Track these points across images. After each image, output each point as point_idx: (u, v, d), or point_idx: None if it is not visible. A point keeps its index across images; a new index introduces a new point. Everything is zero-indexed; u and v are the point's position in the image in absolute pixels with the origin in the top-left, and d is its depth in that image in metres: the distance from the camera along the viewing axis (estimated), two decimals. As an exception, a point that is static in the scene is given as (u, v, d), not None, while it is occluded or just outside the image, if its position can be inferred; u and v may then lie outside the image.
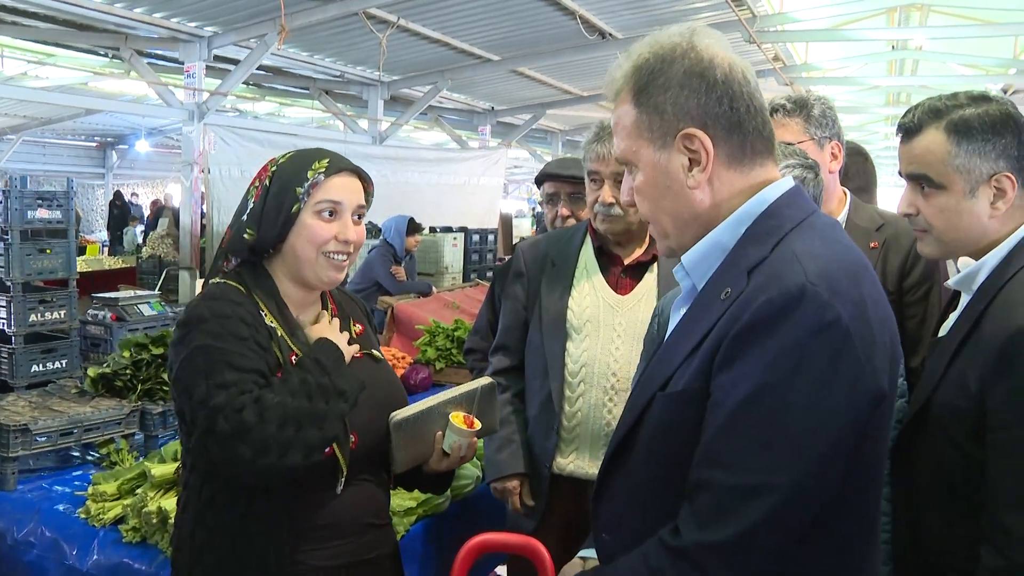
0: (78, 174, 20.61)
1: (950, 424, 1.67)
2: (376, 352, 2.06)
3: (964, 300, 1.80)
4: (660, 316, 2.08)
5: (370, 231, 9.22)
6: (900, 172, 1.85)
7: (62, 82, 12.72)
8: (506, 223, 14.52)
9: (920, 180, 1.79)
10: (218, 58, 9.88)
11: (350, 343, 1.94)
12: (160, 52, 10.24)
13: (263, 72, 11.64)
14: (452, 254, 9.98)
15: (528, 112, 15.89)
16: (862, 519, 1.28)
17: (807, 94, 2.60)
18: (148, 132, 19.13)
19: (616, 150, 1.42)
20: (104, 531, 2.49)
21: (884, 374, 1.21)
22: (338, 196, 1.87)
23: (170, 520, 2.28)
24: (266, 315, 1.84)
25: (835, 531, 1.24)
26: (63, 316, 5.13)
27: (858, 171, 3.33)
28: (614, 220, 2.49)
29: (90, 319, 4.94)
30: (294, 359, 1.81)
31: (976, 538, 1.58)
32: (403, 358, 4.74)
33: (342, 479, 1.82)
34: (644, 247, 2.57)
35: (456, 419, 1.99)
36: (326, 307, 2.02)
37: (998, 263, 1.72)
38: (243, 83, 10.78)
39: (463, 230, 10.59)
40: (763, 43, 10.05)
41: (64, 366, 5.05)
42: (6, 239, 4.92)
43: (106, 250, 16.02)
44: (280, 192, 1.86)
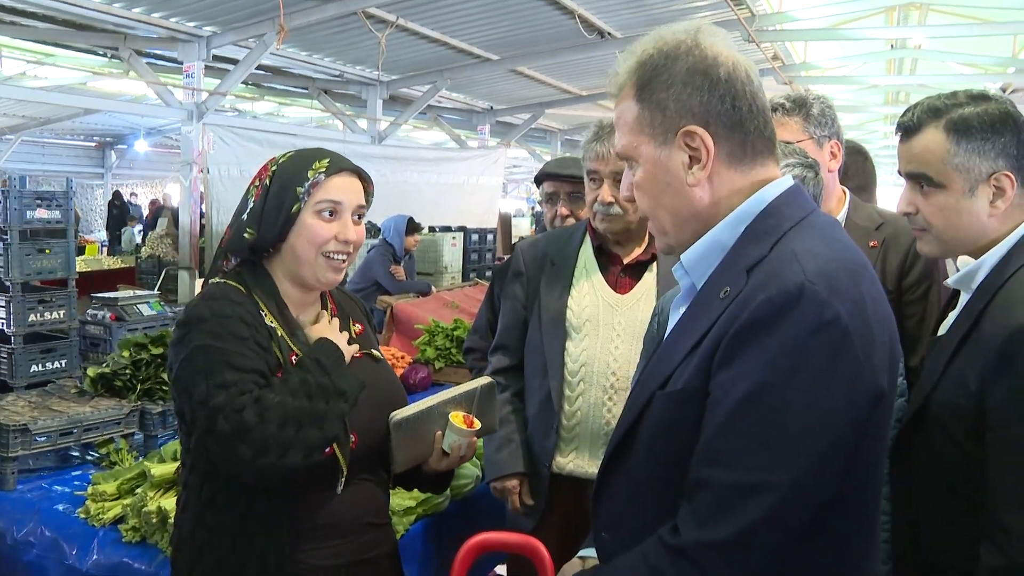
0: (77, 174, 20.60)
1: (950, 423, 1.67)
2: (376, 352, 2.06)
3: (963, 299, 1.80)
4: (660, 315, 2.08)
5: (369, 230, 9.21)
6: (899, 171, 1.85)
7: (61, 82, 12.71)
8: (505, 222, 14.51)
9: (919, 179, 1.79)
10: (217, 58, 9.88)
11: (350, 343, 1.94)
12: (159, 52, 10.23)
13: (262, 72, 11.63)
14: (451, 253, 9.97)
15: (527, 111, 15.88)
16: (861, 518, 1.28)
17: (806, 93, 2.60)
18: (147, 132, 19.13)
19: (617, 145, 1.42)
20: (104, 531, 2.50)
21: (883, 373, 1.21)
22: (338, 196, 1.87)
23: (170, 520, 2.28)
24: (266, 315, 1.84)
25: (834, 530, 1.24)
26: (62, 316, 5.13)
27: (857, 170, 3.33)
28: (613, 219, 2.49)
29: (89, 319, 4.94)
30: (294, 359, 1.81)
31: (976, 537, 1.58)
32: (402, 357, 4.74)
33: (342, 479, 1.82)
34: (643, 246, 2.57)
35: (456, 419, 1.99)
36: (326, 307, 2.01)
37: (997, 262, 1.72)
38: (242, 83, 10.78)
39: (462, 229, 10.58)
40: (762, 42, 10.05)
41: (63, 366, 5.05)
42: (5, 239, 4.92)
43: (105, 250, 16.00)
44: (280, 191, 1.85)
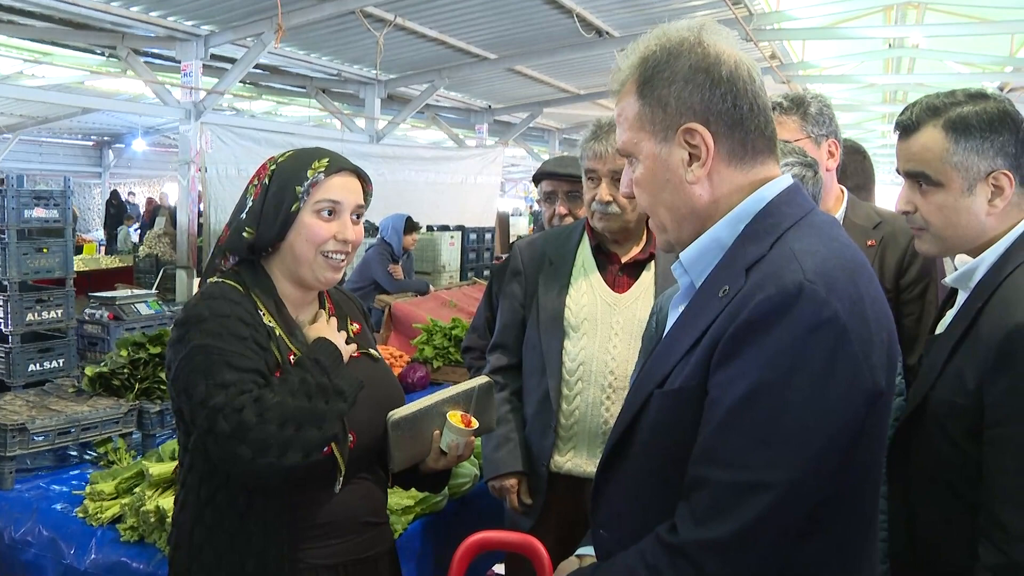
0: (75, 173, 20.55)
1: (947, 421, 1.67)
2: (374, 351, 2.06)
3: (961, 297, 1.80)
4: (658, 314, 2.08)
5: (367, 230, 9.19)
6: (898, 170, 1.85)
7: (59, 81, 12.70)
8: (503, 221, 14.53)
9: (918, 178, 1.79)
10: (215, 57, 9.88)
11: (347, 342, 1.94)
12: (157, 51, 10.23)
13: (260, 71, 11.63)
14: (449, 253, 9.98)
15: (525, 110, 15.87)
16: (859, 516, 1.28)
17: (804, 92, 2.60)
18: (145, 131, 19.13)
19: (618, 141, 1.42)
20: (102, 530, 2.50)
21: (881, 371, 1.21)
22: (338, 196, 1.87)
23: (168, 519, 2.27)
24: (264, 314, 1.84)
25: (832, 528, 1.24)
26: (60, 315, 5.12)
27: (856, 169, 3.33)
28: (611, 218, 2.49)
29: (87, 318, 4.93)
30: (292, 359, 1.81)
31: (973, 535, 1.58)
32: (400, 356, 4.74)
33: (340, 478, 1.82)
34: (641, 245, 2.57)
35: (453, 418, 1.99)
36: (324, 306, 2.01)
37: (995, 260, 1.72)
38: (240, 82, 10.76)
39: (460, 229, 10.60)
40: (760, 41, 10.05)
41: (61, 365, 5.04)
42: (3, 238, 4.91)
43: (103, 249, 16.00)
44: (280, 191, 1.85)
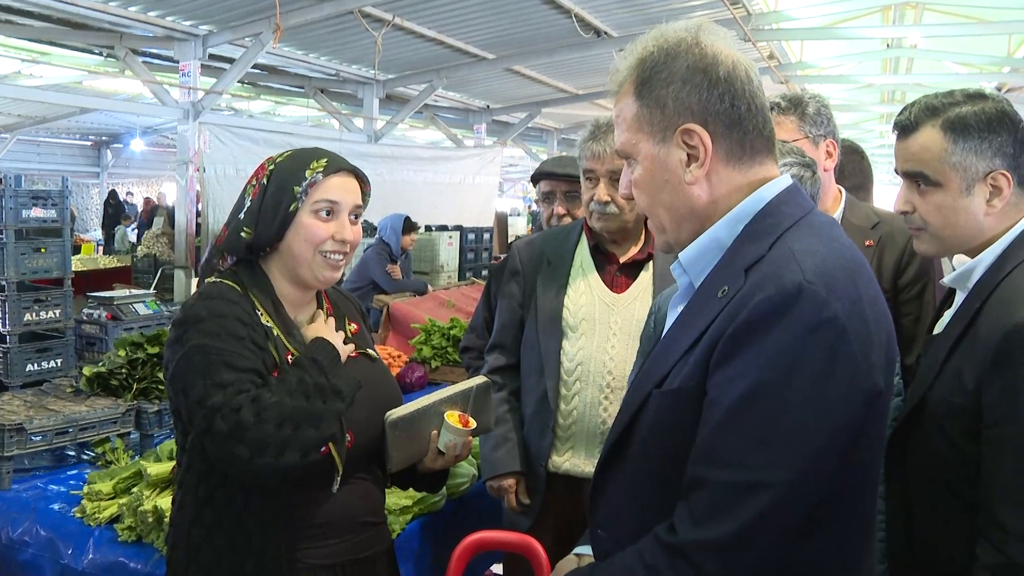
0: (73, 173, 20.52)
1: (946, 421, 1.67)
2: (371, 351, 2.06)
3: (959, 297, 1.80)
4: (657, 313, 2.08)
5: (366, 230, 9.19)
6: (896, 170, 1.85)
7: (57, 81, 12.70)
8: (502, 221, 14.54)
9: (916, 178, 1.79)
10: (213, 57, 9.87)
11: (345, 342, 1.94)
12: (155, 51, 10.23)
13: (258, 71, 11.63)
14: (448, 253, 9.98)
15: (523, 110, 15.87)
16: (858, 516, 1.28)
17: (802, 92, 2.60)
18: (143, 131, 19.11)
19: (616, 142, 1.42)
20: (100, 530, 2.49)
21: (880, 372, 1.21)
22: (336, 196, 1.87)
23: (166, 519, 2.27)
24: (262, 314, 1.84)
25: (831, 528, 1.24)
26: (58, 315, 5.10)
27: (854, 169, 3.33)
28: (609, 218, 2.49)
29: (85, 318, 4.92)
30: (290, 358, 1.81)
31: (972, 535, 1.58)
32: (399, 356, 4.74)
33: (338, 478, 1.81)
34: (640, 245, 2.57)
35: (451, 418, 1.99)
36: (321, 306, 2.01)
37: (994, 260, 1.72)
38: (238, 82, 10.75)
39: (459, 229, 10.59)
40: (758, 41, 10.06)
41: (59, 365, 5.02)
42: (1, 238, 4.90)
43: (101, 249, 16.00)
44: (278, 191, 1.85)
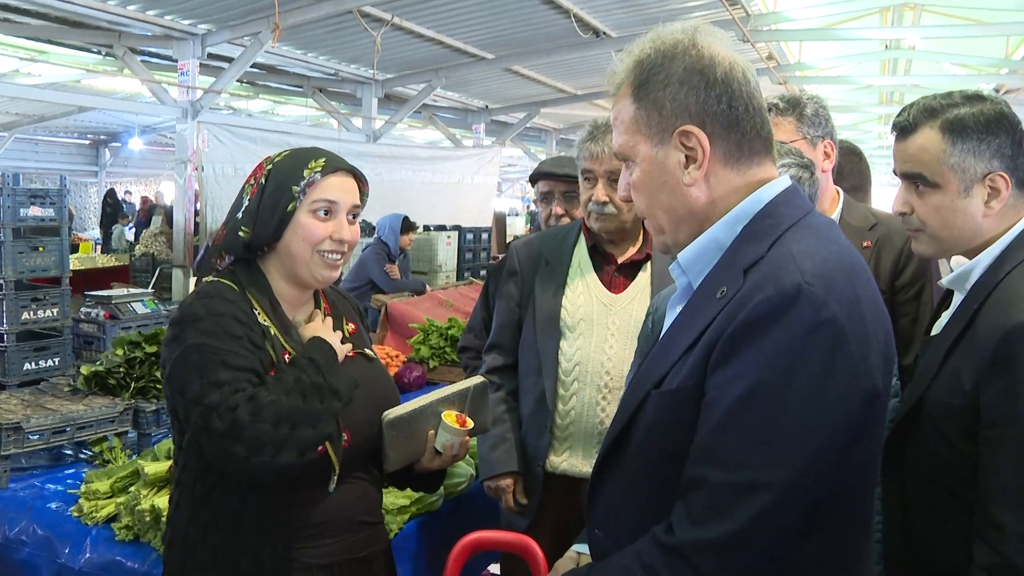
0: (71, 172, 20.51)
1: (943, 422, 1.67)
2: (369, 351, 2.06)
3: (957, 299, 1.80)
4: (655, 314, 2.08)
5: (364, 229, 9.21)
6: (895, 171, 1.85)
7: (55, 79, 12.69)
8: (500, 221, 14.54)
9: (915, 179, 1.79)
10: (212, 56, 9.87)
11: (343, 342, 1.94)
12: (154, 50, 10.23)
13: (257, 70, 11.62)
14: (446, 252, 9.98)
15: (522, 110, 15.88)
16: (856, 517, 1.28)
17: (800, 93, 2.60)
18: (141, 130, 19.11)
19: (614, 144, 1.42)
20: (97, 529, 2.49)
21: (879, 372, 1.21)
22: (334, 195, 1.87)
23: (163, 518, 2.27)
24: (259, 313, 1.84)
25: (829, 529, 1.23)
26: (56, 314, 5.10)
27: (852, 170, 3.34)
28: (607, 218, 2.49)
29: (83, 317, 4.92)
30: (287, 358, 1.81)
31: (969, 535, 1.58)
32: (397, 356, 4.74)
33: (335, 477, 1.82)
34: (638, 246, 2.57)
35: (448, 418, 1.99)
36: (319, 306, 2.01)
37: (992, 262, 1.72)
38: (237, 81, 10.75)
39: (457, 228, 10.59)
40: (757, 42, 10.08)
41: (57, 364, 5.02)
42: (-2, 237, 4.90)
43: (99, 248, 15.96)
44: (276, 190, 1.85)
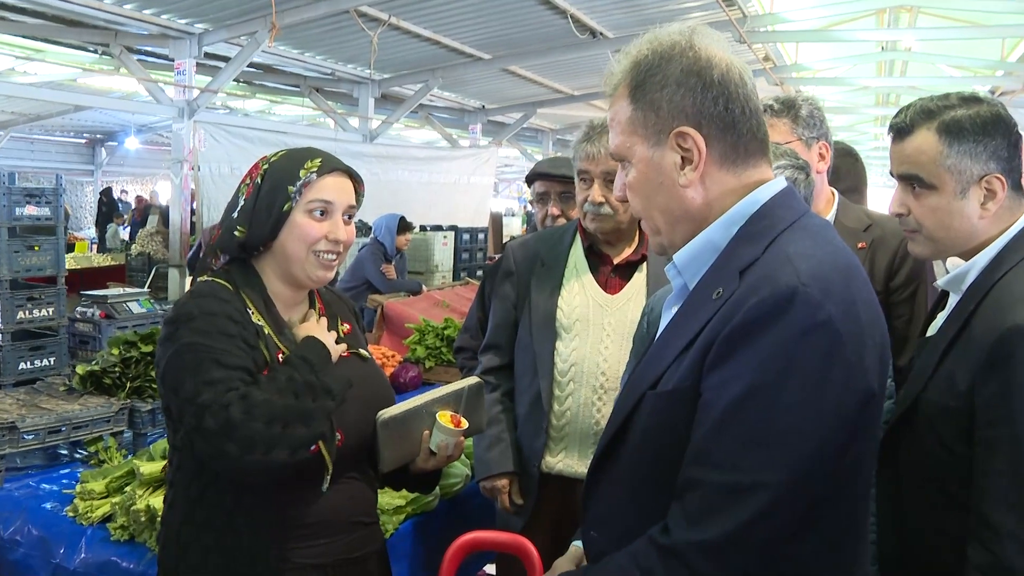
0: (67, 171, 20.48)
1: (939, 423, 1.67)
2: (363, 351, 2.06)
3: (953, 300, 1.81)
4: (650, 314, 2.08)
5: (360, 229, 9.21)
6: (891, 172, 1.85)
7: (51, 78, 12.64)
8: (496, 222, 14.53)
9: (911, 180, 1.79)
10: (208, 55, 9.84)
11: (337, 342, 1.93)
12: (150, 49, 10.20)
13: (253, 69, 11.59)
14: (442, 253, 9.99)
15: (519, 111, 15.87)
16: (851, 518, 1.28)
17: (795, 95, 2.60)
18: (138, 129, 19.08)
19: (611, 145, 1.42)
20: (92, 529, 2.48)
21: (874, 374, 1.22)
22: (330, 196, 1.87)
23: (159, 518, 2.26)
24: (253, 313, 1.84)
25: (825, 530, 1.24)
26: (51, 313, 5.11)
27: (848, 172, 3.34)
28: (603, 219, 2.49)
29: (79, 316, 4.91)
30: (281, 357, 1.81)
31: (963, 536, 1.58)
32: (393, 356, 4.73)
33: (328, 477, 1.81)
34: (634, 246, 2.58)
35: (443, 418, 1.99)
36: (314, 306, 2.01)
37: (987, 263, 1.73)
38: (233, 80, 10.73)
39: (453, 229, 10.60)
40: (753, 43, 10.07)
41: (52, 363, 5.03)
42: (-6, 236, 4.90)
43: (95, 247, 15.94)
44: (272, 190, 1.85)
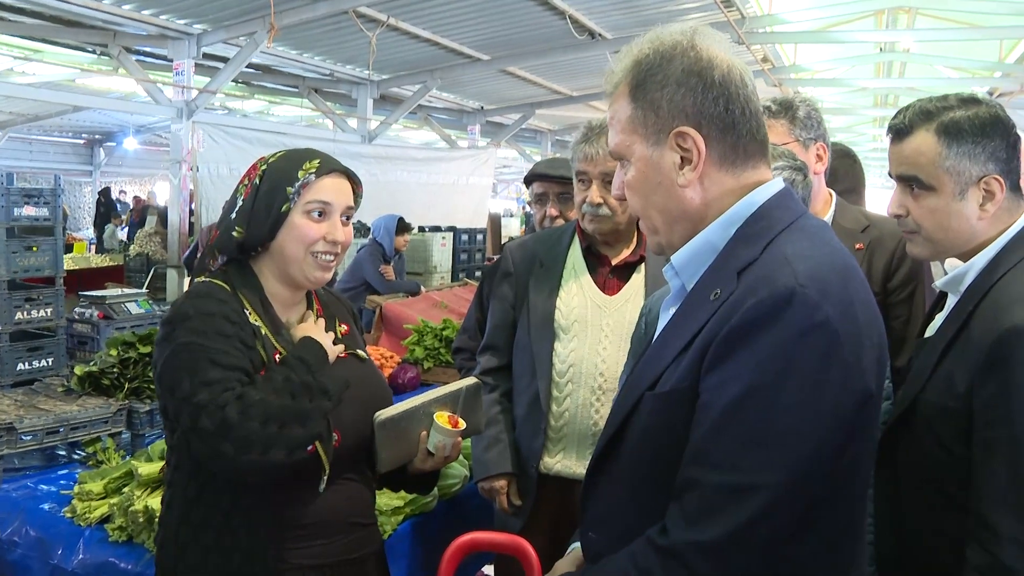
0: (65, 171, 20.51)
1: (937, 424, 1.67)
2: (361, 352, 2.06)
3: (951, 301, 1.81)
4: (647, 315, 2.08)
5: (359, 230, 9.21)
6: (890, 173, 1.86)
7: (49, 78, 12.64)
8: (495, 223, 14.54)
9: (910, 181, 1.79)
10: (207, 56, 9.85)
11: (335, 343, 1.94)
12: (149, 49, 10.20)
13: (252, 70, 11.60)
14: (441, 253, 9.99)
15: (517, 112, 15.88)
16: (849, 518, 1.28)
17: (792, 96, 2.61)
18: (136, 129, 19.06)
19: (610, 143, 1.42)
20: (90, 530, 2.48)
21: (872, 375, 1.22)
22: (328, 197, 1.87)
23: (157, 519, 2.26)
24: (251, 314, 1.84)
25: (823, 530, 1.24)
26: (50, 314, 5.10)
27: (846, 173, 3.34)
28: (602, 220, 2.49)
29: (77, 317, 4.90)
30: (278, 358, 1.81)
31: (962, 537, 1.58)
32: (391, 357, 4.73)
33: (324, 477, 1.81)
34: (632, 247, 2.58)
35: (440, 419, 1.99)
36: (311, 307, 2.01)
37: (986, 264, 1.73)
38: (232, 81, 10.74)
39: (452, 230, 10.60)
40: (752, 44, 10.09)
41: (50, 364, 5.02)
42: (-8, 236, 4.89)
43: (93, 248, 15.93)
44: (270, 191, 1.85)
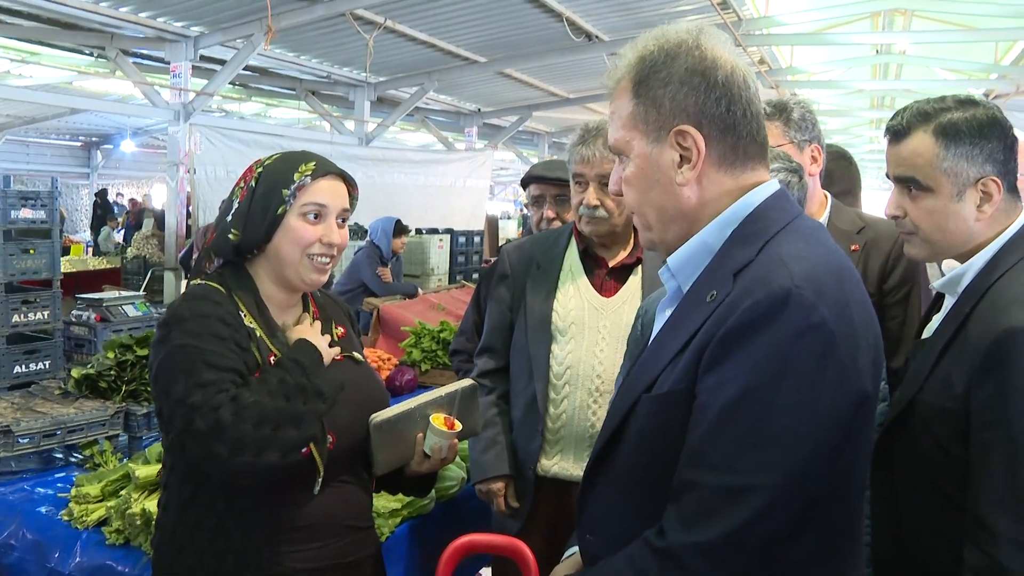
0: (62, 174, 20.46)
1: (935, 425, 1.67)
2: (358, 354, 2.06)
3: (948, 302, 1.81)
4: (644, 317, 2.08)
5: (356, 232, 9.20)
6: (888, 174, 1.86)
7: (47, 81, 12.63)
8: (492, 225, 14.54)
9: (908, 182, 1.80)
10: (204, 58, 9.85)
11: (331, 345, 1.94)
12: (146, 52, 10.19)
13: (249, 72, 11.59)
14: (438, 256, 9.98)
15: (514, 114, 15.90)
16: (846, 519, 1.28)
17: (787, 98, 2.61)
18: (133, 132, 19.03)
19: (610, 138, 1.42)
20: (87, 533, 2.47)
21: (868, 376, 1.22)
22: (324, 199, 1.88)
23: (154, 522, 2.26)
24: (246, 316, 1.84)
25: (819, 531, 1.24)
26: (47, 317, 5.10)
27: (842, 175, 3.34)
28: (599, 222, 2.49)
29: (74, 320, 4.91)
30: (273, 360, 1.81)
31: (959, 538, 1.58)
32: (388, 359, 4.73)
33: (319, 480, 1.81)
34: (629, 249, 2.58)
35: (436, 420, 1.99)
36: (307, 309, 2.01)
37: (983, 265, 1.73)
38: (229, 83, 10.75)
39: (449, 232, 10.59)
40: (748, 46, 10.10)
41: (47, 367, 5.02)
42: (-11, 239, 4.89)
43: (90, 250, 15.91)
44: (266, 193, 1.86)
